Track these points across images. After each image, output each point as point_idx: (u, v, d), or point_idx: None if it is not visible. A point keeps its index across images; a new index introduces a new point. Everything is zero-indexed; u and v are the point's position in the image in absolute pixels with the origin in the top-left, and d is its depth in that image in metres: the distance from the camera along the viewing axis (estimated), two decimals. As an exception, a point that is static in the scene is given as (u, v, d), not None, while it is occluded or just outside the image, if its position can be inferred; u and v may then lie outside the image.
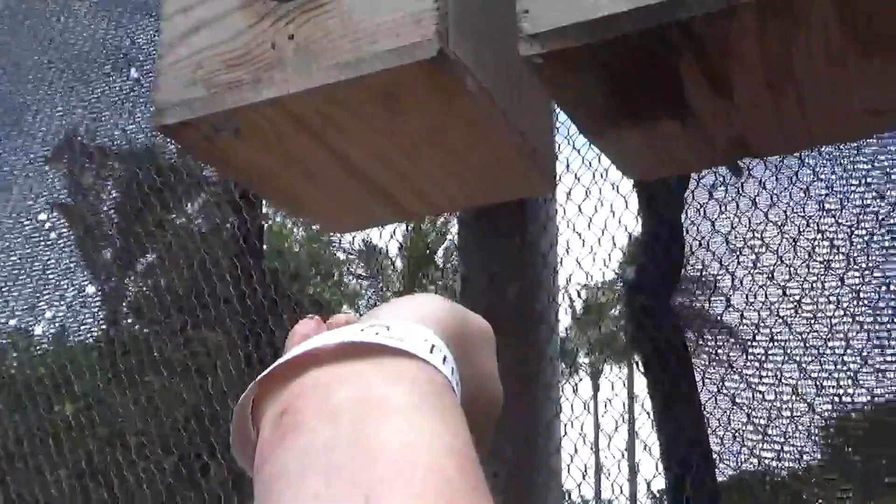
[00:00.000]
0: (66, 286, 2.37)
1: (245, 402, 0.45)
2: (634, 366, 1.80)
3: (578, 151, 1.75)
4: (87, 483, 2.08)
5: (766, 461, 1.48)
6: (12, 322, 2.38)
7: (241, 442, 0.46)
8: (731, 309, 1.55)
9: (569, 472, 1.62)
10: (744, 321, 1.54)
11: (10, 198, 2.46)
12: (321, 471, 0.37)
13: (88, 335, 2.36)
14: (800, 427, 1.48)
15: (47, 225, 2.47)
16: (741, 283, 1.54)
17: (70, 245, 2.43)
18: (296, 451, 0.39)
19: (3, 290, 2.37)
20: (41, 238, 2.43)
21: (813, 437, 1.47)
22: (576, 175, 1.74)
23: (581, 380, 1.91)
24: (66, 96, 2.48)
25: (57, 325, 2.35)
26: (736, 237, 1.56)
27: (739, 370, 1.54)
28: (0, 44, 2.61)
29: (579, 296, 1.86)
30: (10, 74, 2.60)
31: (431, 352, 0.44)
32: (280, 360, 0.44)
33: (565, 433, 1.63)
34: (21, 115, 2.52)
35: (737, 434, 1.51)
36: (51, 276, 2.37)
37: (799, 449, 1.47)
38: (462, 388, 0.47)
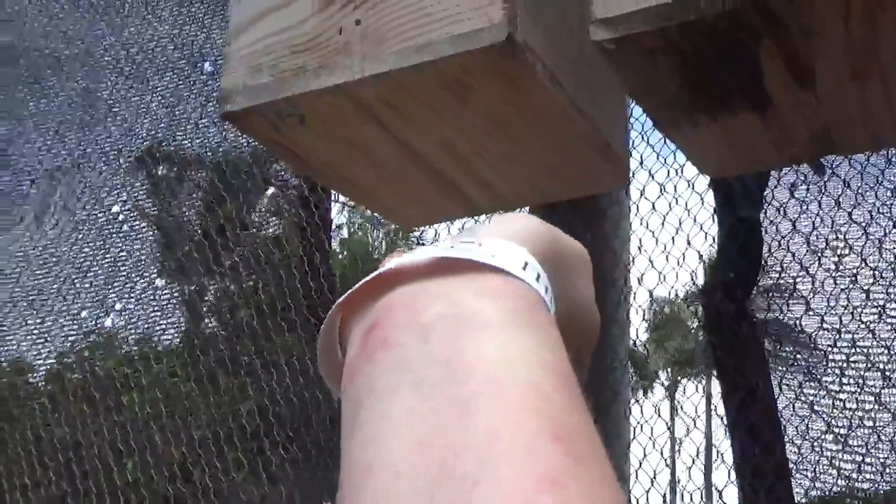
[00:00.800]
0: (136, 279, 2.39)
1: (332, 320, 0.44)
2: (713, 374, 1.75)
3: (653, 147, 1.71)
4: (152, 474, 2.09)
5: (846, 472, 1.42)
6: (84, 314, 2.42)
7: (328, 362, 0.46)
8: (810, 313, 1.49)
9: (636, 476, 1.57)
10: (824, 326, 1.48)
11: (86, 190, 2.49)
12: (413, 386, 0.37)
13: (157, 328, 2.38)
14: (883, 438, 1.41)
15: (121, 217, 2.50)
16: (822, 285, 1.49)
17: (141, 237, 2.46)
18: (386, 366, 0.38)
19: (76, 280, 2.40)
20: (114, 230, 2.46)
21: (897, 449, 1.41)
22: (650, 171, 1.70)
23: (652, 385, 1.86)
24: (142, 89, 2.51)
25: (126, 317, 2.38)
26: (817, 238, 1.50)
27: (819, 377, 1.48)
28: (77, 36, 2.65)
29: (654, 306, 1.82)
30: (87, 67, 2.64)
31: (524, 269, 0.43)
32: (368, 277, 0.43)
33: (634, 436, 1.59)
34: (97, 108, 2.55)
35: (815, 443, 1.45)
36: (122, 269, 2.39)
37: (881, 461, 1.41)
38: (557, 308, 0.45)
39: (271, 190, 2.31)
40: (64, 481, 2.16)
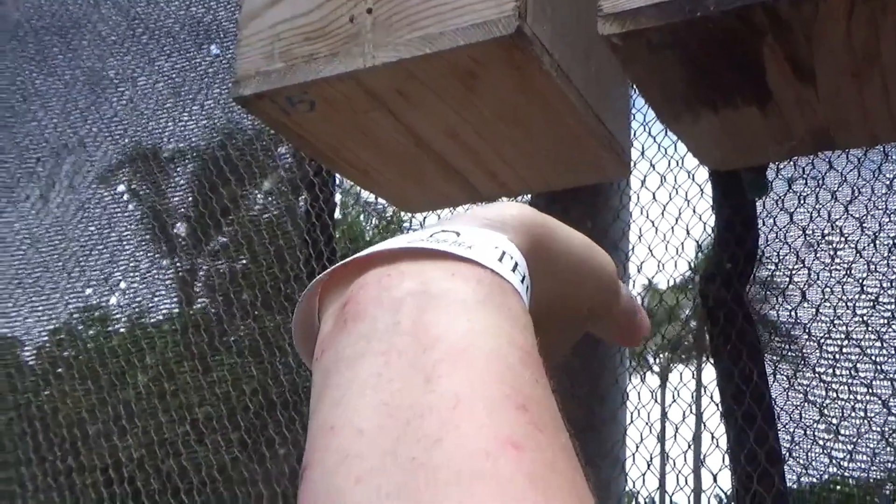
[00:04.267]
0: (141, 257, 2.41)
1: (309, 297, 0.45)
2: (704, 358, 1.77)
3: (654, 138, 1.72)
4: (157, 451, 2.11)
5: (838, 459, 1.45)
6: (88, 291, 2.43)
7: (305, 338, 0.47)
8: (805, 304, 1.51)
9: (633, 461, 1.60)
10: (819, 316, 1.50)
11: (91, 169, 2.51)
12: (380, 354, 0.38)
13: (162, 307, 2.39)
14: (873, 426, 1.44)
15: (126, 196, 2.51)
16: (818, 276, 1.51)
17: (147, 217, 2.47)
18: (355, 336, 0.39)
19: (81, 259, 2.42)
20: (119, 209, 2.48)
21: (887, 437, 1.44)
22: (651, 162, 1.71)
23: (647, 371, 1.89)
24: (148, 69, 2.52)
25: (130, 295, 2.40)
26: (814, 231, 1.52)
27: (813, 366, 1.50)
28: (84, 15, 2.66)
29: (647, 290, 1.83)
30: (93, 46, 2.64)
31: (500, 259, 0.43)
32: (345, 259, 0.44)
33: (631, 421, 1.62)
34: (103, 87, 2.56)
35: (808, 431, 1.48)
36: (126, 248, 2.41)
37: (872, 448, 1.44)
38: (538, 297, 0.46)
39: (275, 172, 2.32)
40: (71, 456, 2.19)
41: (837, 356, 1.48)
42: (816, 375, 1.49)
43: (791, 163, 1.53)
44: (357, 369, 0.38)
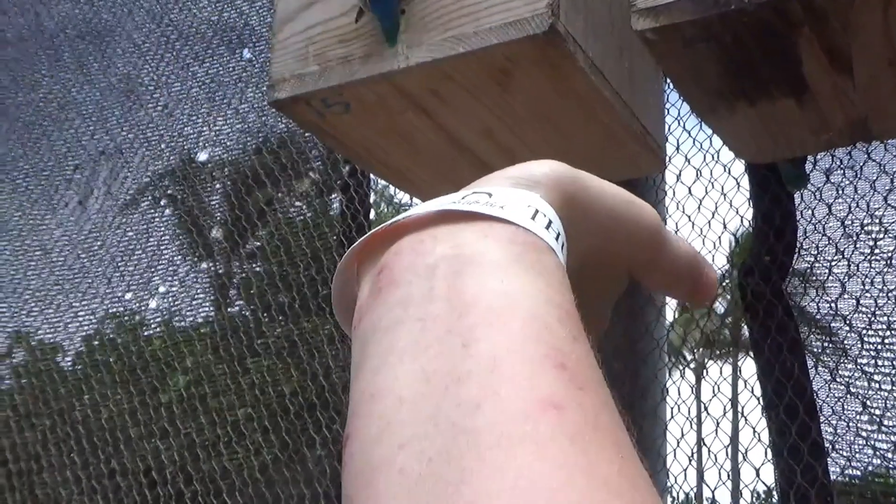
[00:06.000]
0: (179, 262, 2.43)
1: (346, 267, 0.45)
2: (744, 352, 1.76)
3: (689, 133, 1.71)
4: (198, 453, 2.13)
5: (882, 451, 1.44)
6: (128, 295, 2.45)
7: (343, 307, 0.47)
8: (846, 295, 1.50)
9: (675, 456, 1.60)
10: (860, 307, 1.49)
11: (129, 175, 2.53)
12: (417, 320, 0.38)
13: (200, 311, 2.41)
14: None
15: (163, 201, 2.54)
16: (857, 267, 1.50)
17: (184, 221, 2.49)
18: (391, 304, 0.39)
19: (119, 265, 2.44)
20: (157, 214, 2.50)
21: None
22: (686, 157, 1.70)
23: (686, 366, 1.88)
24: (182, 75, 2.54)
25: (170, 300, 2.42)
26: (853, 221, 1.51)
27: (854, 358, 1.49)
28: (118, 23, 2.69)
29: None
30: (128, 53, 2.67)
31: (534, 217, 0.42)
32: (380, 227, 0.44)
33: (672, 417, 1.61)
34: (139, 93, 2.58)
35: (851, 423, 1.46)
36: (165, 252, 2.43)
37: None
38: (574, 254, 0.45)
39: (310, 174, 2.33)
40: (113, 459, 2.21)
41: (879, 347, 1.47)
42: (858, 367, 1.48)
43: (828, 154, 1.52)
44: (394, 337, 0.38)
